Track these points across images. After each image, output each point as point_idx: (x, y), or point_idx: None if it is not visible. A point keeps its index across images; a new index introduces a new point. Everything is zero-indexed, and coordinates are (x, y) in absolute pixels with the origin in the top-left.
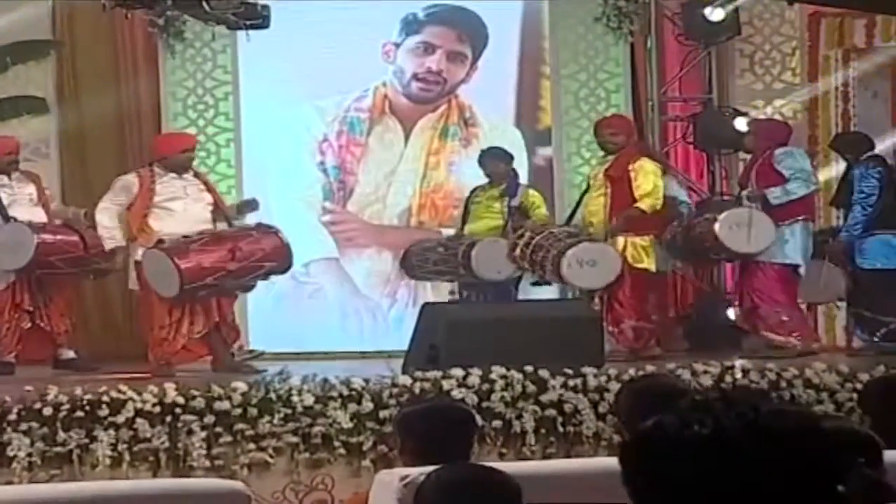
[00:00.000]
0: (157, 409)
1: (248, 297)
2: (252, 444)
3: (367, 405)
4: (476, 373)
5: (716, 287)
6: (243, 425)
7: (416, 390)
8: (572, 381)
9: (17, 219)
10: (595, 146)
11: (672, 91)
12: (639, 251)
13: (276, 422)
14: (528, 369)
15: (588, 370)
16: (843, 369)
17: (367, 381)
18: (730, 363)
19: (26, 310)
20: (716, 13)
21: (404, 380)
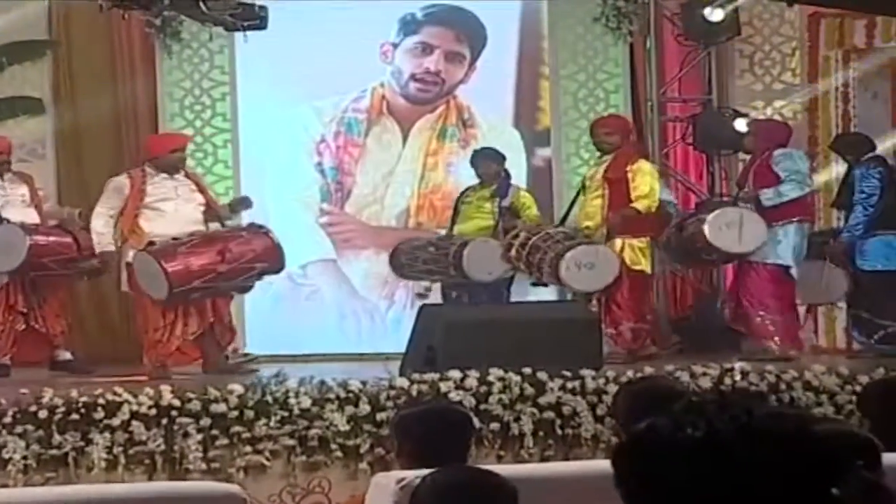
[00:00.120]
0: (153, 411)
1: (246, 298)
2: (248, 447)
3: (365, 407)
4: (474, 375)
5: (715, 288)
6: (240, 428)
7: (414, 392)
8: (570, 384)
9: (10, 220)
10: (594, 147)
11: (671, 92)
12: (636, 253)
13: (273, 424)
14: (527, 371)
15: (586, 372)
16: (843, 371)
17: (364, 383)
18: (729, 365)
19: (20, 311)
20: (715, 13)
21: (402, 382)
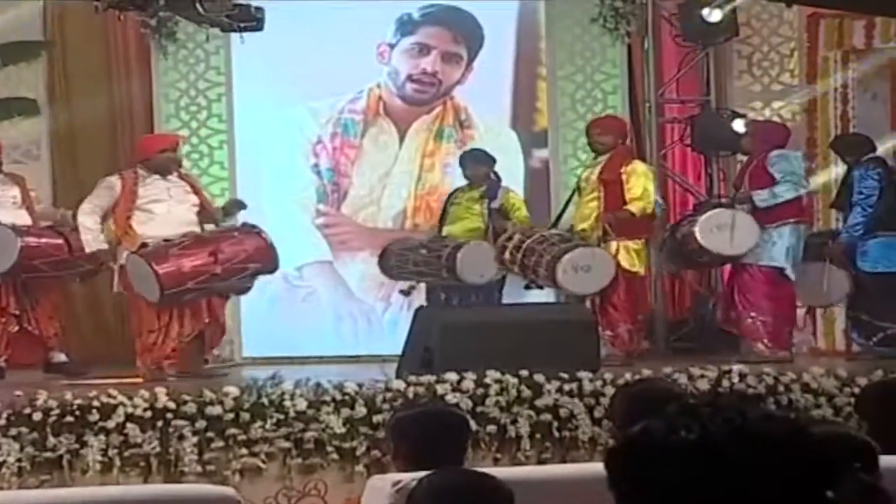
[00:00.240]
0: (148, 413)
1: (242, 300)
2: (244, 450)
3: (361, 410)
4: (470, 377)
5: (713, 290)
6: (235, 430)
7: (410, 395)
8: (567, 386)
9: (1, 222)
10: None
11: (669, 93)
12: (631, 255)
13: (269, 427)
14: (523, 373)
15: (583, 374)
16: (842, 374)
17: (360, 385)
18: (727, 367)
19: (12, 313)
20: (714, 14)
21: (398, 384)
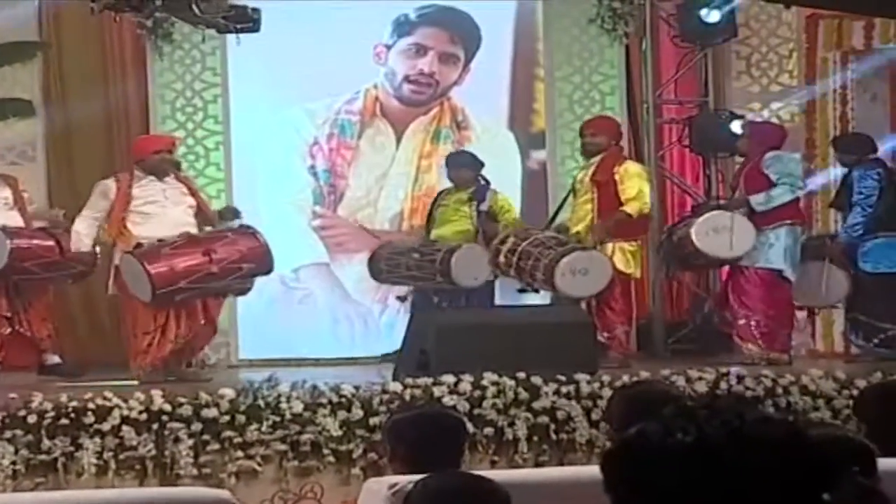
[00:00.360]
0: (144, 416)
1: (238, 302)
2: (240, 452)
3: (357, 412)
4: (467, 379)
5: (711, 292)
6: (231, 433)
7: (407, 397)
8: (565, 388)
9: None
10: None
11: (667, 93)
12: (627, 256)
13: (265, 429)
14: (521, 376)
15: (581, 376)
16: (840, 376)
17: (357, 387)
18: (725, 370)
19: (4, 316)
20: (712, 15)
21: (395, 386)
